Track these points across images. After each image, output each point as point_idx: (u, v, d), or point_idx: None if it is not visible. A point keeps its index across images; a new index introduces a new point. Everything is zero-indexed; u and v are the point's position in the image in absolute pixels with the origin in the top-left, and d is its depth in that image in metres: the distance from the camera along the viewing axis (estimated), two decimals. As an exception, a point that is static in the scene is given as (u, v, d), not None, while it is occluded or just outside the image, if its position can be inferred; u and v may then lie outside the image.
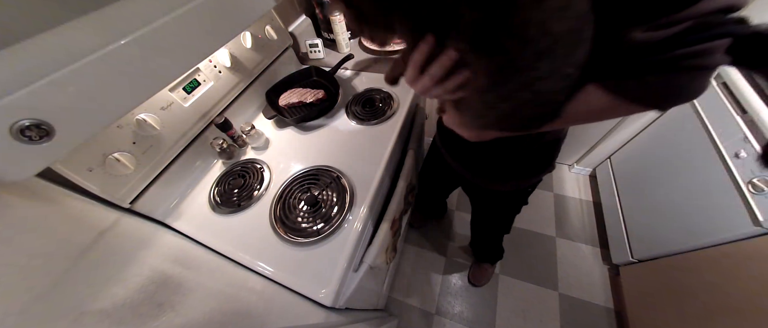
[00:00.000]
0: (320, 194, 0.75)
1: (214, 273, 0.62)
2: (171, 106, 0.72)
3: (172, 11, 0.44)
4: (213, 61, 0.83)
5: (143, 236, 0.63)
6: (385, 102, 0.97)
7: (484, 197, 0.91)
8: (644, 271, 1.15)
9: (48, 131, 0.36)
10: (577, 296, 1.32)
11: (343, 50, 1.19)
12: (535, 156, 0.68)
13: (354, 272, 0.70)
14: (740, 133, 0.85)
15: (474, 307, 1.34)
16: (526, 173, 0.72)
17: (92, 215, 0.56)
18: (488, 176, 0.75)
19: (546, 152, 0.68)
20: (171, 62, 0.48)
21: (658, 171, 1.17)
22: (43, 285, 0.35)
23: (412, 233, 1.59)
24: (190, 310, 0.44)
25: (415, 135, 0.97)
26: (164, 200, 0.75)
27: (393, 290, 1.42)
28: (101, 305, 0.37)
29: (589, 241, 1.48)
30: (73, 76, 0.36)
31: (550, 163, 0.71)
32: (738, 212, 0.82)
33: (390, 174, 0.88)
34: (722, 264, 0.85)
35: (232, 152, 0.85)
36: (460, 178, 0.90)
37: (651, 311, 1.07)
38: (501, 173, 0.72)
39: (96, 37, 0.37)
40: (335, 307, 0.63)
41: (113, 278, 0.43)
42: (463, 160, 0.77)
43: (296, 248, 0.67)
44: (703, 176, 0.95)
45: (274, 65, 1.04)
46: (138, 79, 0.44)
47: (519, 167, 0.70)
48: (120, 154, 0.62)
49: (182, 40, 0.47)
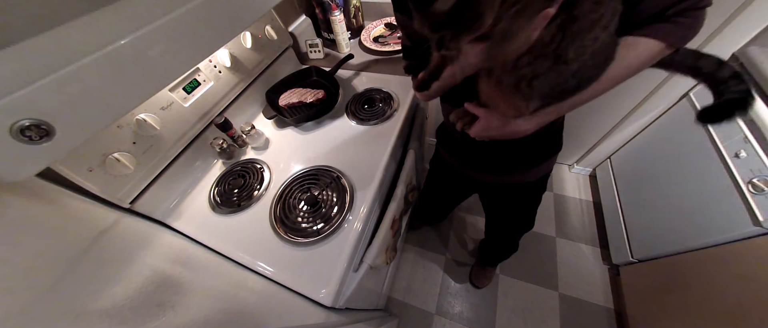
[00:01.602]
0: (320, 194, 0.75)
1: (214, 273, 0.62)
2: (171, 106, 0.72)
3: (171, 11, 0.44)
4: (213, 61, 0.83)
5: (143, 236, 0.63)
6: (385, 102, 0.97)
7: (503, 195, 0.87)
8: (644, 271, 1.15)
9: (48, 131, 0.36)
10: (577, 296, 1.32)
11: (343, 50, 1.19)
12: (545, 139, 0.66)
13: (354, 272, 0.70)
14: (740, 133, 0.85)
15: (474, 307, 1.34)
16: (542, 156, 0.70)
17: (92, 215, 0.56)
18: (509, 168, 0.72)
19: (555, 134, 0.68)
20: (171, 62, 0.48)
21: (658, 171, 1.17)
22: (43, 285, 0.35)
23: (412, 233, 1.59)
24: (190, 310, 0.44)
25: (415, 135, 0.97)
26: (164, 200, 0.75)
27: (393, 290, 1.42)
28: (101, 305, 0.37)
29: (589, 241, 1.48)
30: (73, 76, 0.36)
31: (560, 142, 0.70)
32: (738, 212, 0.82)
33: (390, 174, 0.88)
34: (722, 264, 0.85)
35: (232, 152, 0.85)
36: (470, 186, 0.88)
37: (651, 311, 1.07)
38: (522, 161, 0.70)
39: (96, 37, 0.37)
40: (335, 307, 0.63)
41: (113, 278, 0.43)
42: (482, 159, 0.74)
43: (296, 248, 0.67)
44: (703, 176, 0.95)
45: (274, 65, 1.04)
46: (138, 79, 0.44)
47: (535, 152, 0.68)
48: (120, 154, 0.62)
49: (182, 40, 0.47)
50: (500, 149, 0.67)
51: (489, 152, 0.70)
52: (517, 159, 0.70)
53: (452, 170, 0.87)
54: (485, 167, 0.75)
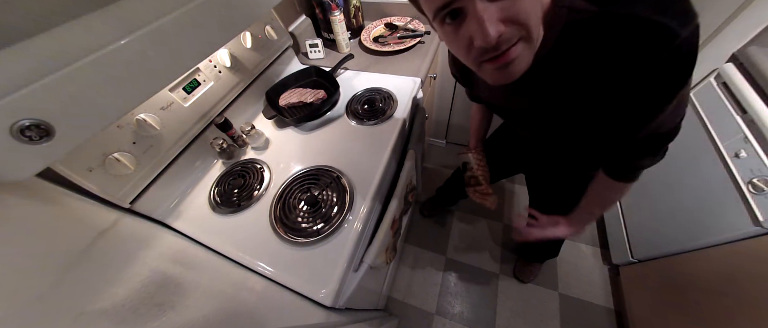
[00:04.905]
0: (320, 194, 0.75)
1: (214, 273, 0.62)
2: (171, 106, 0.72)
3: (171, 11, 0.44)
4: (213, 61, 0.83)
5: (143, 236, 0.63)
6: (385, 102, 0.97)
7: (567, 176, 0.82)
8: (644, 271, 1.15)
9: (48, 131, 0.36)
10: (577, 296, 1.32)
11: (343, 50, 1.19)
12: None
13: (354, 272, 0.70)
14: (740, 133, 0.85)
15: (474, 307, 1.34)
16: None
17: (92, 215, 0.56)
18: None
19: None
20: (171, 62, 0.48)
21: (658, 171, 1.15)
22: (43, 285, 0.35)
23: (412, 233, 1.59)
24: (190, 310, 0.45)
25: (415, 135, 0.97)
26: (164, 200, 0.75)
27: (393, 290, 1.42)
28: (101, 305, 0.37)
29: (589, 241, 1.48)
30: (73, 76, 0.36)
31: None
32: (738, 212, 0.82)
33: (390, 174, 0.88)
34: (722, 264, 0.85)
35: (232, 152, 0.85)
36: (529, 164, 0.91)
37: (651, 311, 1.07)
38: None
39: (96, 37, 0.37)
40: (335, 307, 0.64)
41: (113, 278, 0.43)
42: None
43: (296, 248, 0.67)
44: (703, 176, 0.95)
45: (274, 65, 1.04)
46: (138, 79, 0.44)
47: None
48: (120, 154, 0.62)
49: (182, 40, 0.47)
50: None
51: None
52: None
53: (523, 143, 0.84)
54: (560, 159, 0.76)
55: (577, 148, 0.66)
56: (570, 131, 0.55)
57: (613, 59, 0.38)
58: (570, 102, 0.47)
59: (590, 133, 0.53)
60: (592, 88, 0.43)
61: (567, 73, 0.43)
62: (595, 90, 0.43)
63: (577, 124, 0.51)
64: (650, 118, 0.43)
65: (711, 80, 0.97)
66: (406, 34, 1.20)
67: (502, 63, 0.38)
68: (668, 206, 1.07)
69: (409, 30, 1.22)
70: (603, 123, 0.48)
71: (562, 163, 0.76)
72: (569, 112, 0.49)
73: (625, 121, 0.45)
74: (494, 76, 0.41)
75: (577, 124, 0.51)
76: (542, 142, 0.71)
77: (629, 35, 0.36)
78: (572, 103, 0.47)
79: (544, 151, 0.77)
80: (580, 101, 0.46)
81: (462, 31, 0.36)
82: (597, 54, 0.39)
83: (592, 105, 0.45)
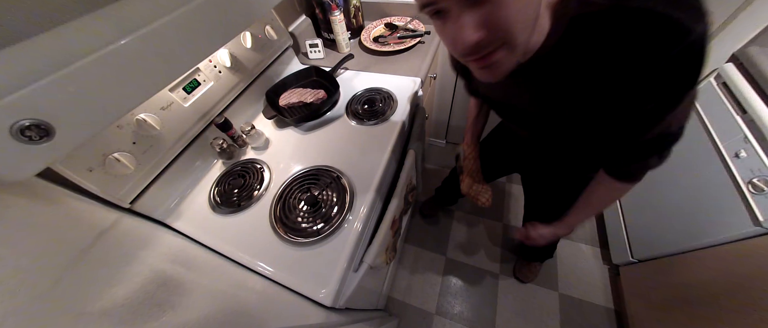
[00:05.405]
0: (320, 194, 0.75)
1: (214, 273, 0.62)
2: (171, 106, 0.72)
3: (171, 11, 0.45)
4: (213, 61, 0.83)
5: (143, 236, 0.63)
6: (385, 102, 0.97)
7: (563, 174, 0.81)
8: (644, 271, 1.15)
9: (48, 131, 0.36)
10: (577, 296, 1.32)
11: (343, 50, 1.19)
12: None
13: (354, 272, 0.70)
14: (740, 133, 0.84)
15: (474, 307, 1.34)
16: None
17: (92, 215, 0.56)
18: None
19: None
20: (171, 62, 0.48)
21: (658, 171, 1.16)
22: (43, 285, 0.35)
23: (412, 233, 1.59)
24: (190, 310, 0.45)
25: (415, 135, 0.97)
26: (164, 200, 0.75)
27: (393, 290, 1.42)
28: (101, 305, 0.37)
29: (589, 241, 1.48)
30: (73, 76, 0.36)
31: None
32: (738, 212, 0.82)
33: (390, 174, 0.88)
34: (722, 264, 0.85)
35: (232, 152, 0.85)
36: (525, 164, 0.90)
37: (651, 311, 1.07)
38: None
39: (96, 37, 0.37)
40: (335, 307, 0.63)
41: (113, 278, 0.43)
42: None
43: (296, 248, 0.67)
44: (703, 176, 0.95)
45: (274, 65, 1.04)
46: (138, 79, 0.44)
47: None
48: (120, 154, 0.62)
49: (182, 40, 0.47)
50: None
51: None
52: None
53: (520, 142, 0.84)
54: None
55: (576, 149, 0.65)
56: (570, 130, 0.54)
57: (623, 54, 0.37)
58: (573, 99, 0.45)
59: (592, 131, 0.51)
60: (598, 85, 0.41)
61: (572, 69, 0.42)
62: (601, 86, 0.41)
63: (579, 122, 0.50)
64: (660, 118, 0.42)
65: (711, 80, 0.97)
66: (406, 34, 1.20)
67: (483, 64, 0.38)
68: (668, 206, 1.07)
69: (409, 30, 1.22)
70: (607, 121, 0.47)
71: (559, 163, 0.75)
72: (571, 109, 0.48)
73: (632, 119, 0.44)
74: (480, 73, 0.40)
75: (578, 123, 0.50)
76: (540, 141, 0.71)
77: (641, 29, 0.35)
78: (575, 100, 0.45)
79: (542, 150, 0.76)
80: (584, 98, 0.44)
81: (446, 29, 0.36)
82: (606, 48, 0.38)
83: (597, 102, 0.44)
